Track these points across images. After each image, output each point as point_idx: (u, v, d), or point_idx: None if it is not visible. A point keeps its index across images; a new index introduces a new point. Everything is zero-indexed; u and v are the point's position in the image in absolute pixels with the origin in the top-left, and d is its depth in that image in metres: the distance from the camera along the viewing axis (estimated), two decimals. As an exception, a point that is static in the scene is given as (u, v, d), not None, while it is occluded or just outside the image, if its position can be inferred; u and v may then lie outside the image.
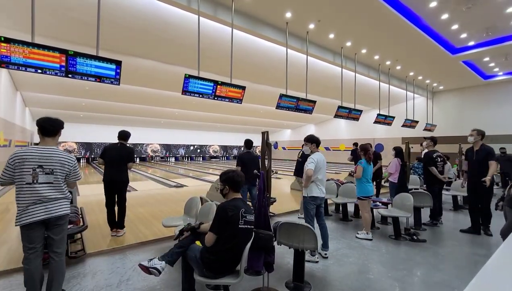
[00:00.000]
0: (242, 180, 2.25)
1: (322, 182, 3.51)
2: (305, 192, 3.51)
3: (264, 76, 10.31)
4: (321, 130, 23.57)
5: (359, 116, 9.59)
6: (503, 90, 13.04)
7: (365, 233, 4.11)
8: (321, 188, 3.47)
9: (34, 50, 3.55)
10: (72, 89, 11.19)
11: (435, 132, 13.85)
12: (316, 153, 3.58)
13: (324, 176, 3.56)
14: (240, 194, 2.29)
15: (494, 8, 6.37)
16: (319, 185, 3.46)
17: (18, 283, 2.62)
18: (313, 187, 3.45)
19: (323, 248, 3.44)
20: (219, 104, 13.11)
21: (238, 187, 2.24)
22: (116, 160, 3.97)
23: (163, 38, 6.90)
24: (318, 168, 3.44)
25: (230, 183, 2.21)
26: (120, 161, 3.99)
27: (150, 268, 2.09)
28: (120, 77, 4.28)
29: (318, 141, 3.66)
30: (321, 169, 3.48)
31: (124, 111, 16.44)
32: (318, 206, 3.52)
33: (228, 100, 5.84)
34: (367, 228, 4.11)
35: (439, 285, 2.74)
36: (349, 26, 7.12)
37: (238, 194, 2.25)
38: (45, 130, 2.24)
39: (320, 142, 3.70)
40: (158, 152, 23.71)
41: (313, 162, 3.41)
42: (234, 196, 2.23)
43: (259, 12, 6.32)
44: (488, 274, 1.02)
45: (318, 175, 3.44)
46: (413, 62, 10.06)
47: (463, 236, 4.30)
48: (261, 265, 2.29)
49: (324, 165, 3.55)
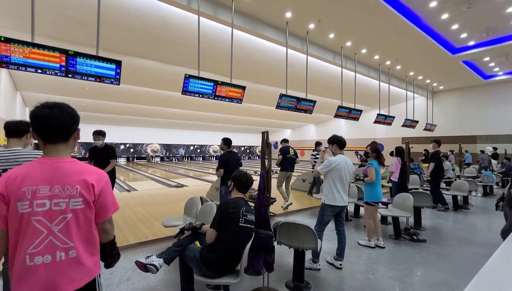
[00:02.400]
0: (250, 184, 2.35)
1: (343, 188, 3.15)
2: (323, 197, 3.20)
3: (264, 76, 10.31)
4: (321, 130, 23.57)
5: (359, 116, 9.59)
6: (503, 90, 13.03)
7: (367, 240, 3.82)
8: (341, 195, 3.12)
9: (34, 50, 3.55)
10: (72, 89, 11.19)
11: (435, 132, 13.86)
12: (338, 155, 3.22)
13: (346, 181, 3.18)
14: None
15: (494, 8, 6.36)
16: (339, 191, 3.11)
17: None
18: (333, 193, 3.12)
19: (338, 257, 3.16)
20: (219, 104, 13.09)
21: (244, 189, 2.31)
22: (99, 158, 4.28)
23: (163, 38, 6.90)
24: (336, 171, 3.12)
25: (238, 182, 2.29)
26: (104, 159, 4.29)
27: (147, 265, 2.09)
28: (120, 77, 4.28)
29: (341, 141, 3.25)
30: (341, 173, 3.13)
31: (124, 111, 16.45)
32: (338, 213, 3.22)
33: (228, 100, 5.84)
34: (369, 235, 3.82)
35: (439, 285, 2.74)
36: (349, 26, 7.12)
37: (242, 195, 2.31)
38: (8, 131, 2.02)
39: (345, 143, 3.28)
40: (158, 152, 23.72)
41: (326, 166, 3.13)
42: (238, 195, 2.29)
43: (259, 12, 6.32)
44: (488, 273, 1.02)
45: (336, 180, 3.13)
46: (413, 62, 10.06)
47: (463, 236, 4.30)
48: (261, 265, 2.29)
49: (348, 169, 3.19)
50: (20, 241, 1.09)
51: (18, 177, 1.10)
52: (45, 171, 1.14)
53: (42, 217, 1.10)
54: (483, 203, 6.97)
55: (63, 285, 1.12)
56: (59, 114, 1.17)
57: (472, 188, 6.76)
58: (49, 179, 1.13)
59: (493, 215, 4.43)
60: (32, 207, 1.09)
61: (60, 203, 1.14)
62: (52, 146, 1.18)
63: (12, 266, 1.10)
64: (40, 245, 1.10)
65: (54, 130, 1.17)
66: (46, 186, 1.12)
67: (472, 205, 6.54)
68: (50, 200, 1.12)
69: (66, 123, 1.19)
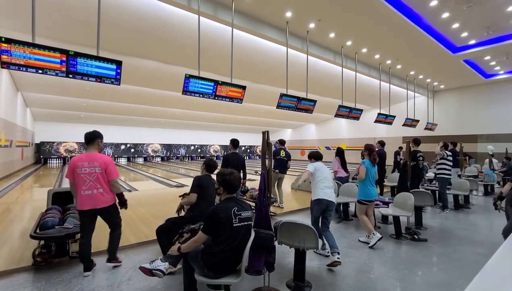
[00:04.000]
0: (238, 183, 2.24)
1: (327, 184, 3.40)
2: (311, 197, 3.51)
3: (264, 75, 10.31)
4: (322, 129, 23.56)
5: (360, 115, 9.58)
6: (504, 89, 13.01)
7: (366, 237, 3.86)
8: (324, 190, 3.34)
9: (34, 51, 3.55)
10: (73, 89, 11.21)
11: (436, 132, 13.84)
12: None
13: (329, 179, 3.47)
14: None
15: (495, 7, 6.35)
16: (323, 188, 3.36)
17: (19, 283, 2.63)
18: (316, 191, 3.39)
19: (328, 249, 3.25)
20: (219, 104, 13.10)
21: (233, 190, 2.22)
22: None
23: (164, 38, 6.90)
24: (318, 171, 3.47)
25: (225, 185, 2.20)
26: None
27: (153, 270, 2.08)
28: (121, 77, 4.28)
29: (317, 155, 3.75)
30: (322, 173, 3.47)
31: (124, 111, 16.47)
32: (326, 210, 3.35)
33: (229, 100, 5.84)
34: (368, 231, 3.84)
35: (440, 285, 2.73)
36: (350, 26, 7.11)
37: (233, 194, 2.24)
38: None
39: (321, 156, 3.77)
40: (159, 152, 23.74)
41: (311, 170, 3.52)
42: (227, 196, 2.22)
43: (259, 11, 6.32)
44: (489, 273, 1.01)
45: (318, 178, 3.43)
46: (414, 61, 10.04)
47: (464, 235, 4.29)
48: (262, 265, 2.29)
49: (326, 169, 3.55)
50: (79, 185, 2.75)
51: (77, 159, 2.79)
52: (86, 156, 2.83)
53: (86, 174, 2.76)
54: (484, 202, 6.95)
55: (97, 203, 2.79)
56: (90, 134, 2.94)
57: (473, 187, 6.73)
58: (87, 159, 2.80)
59: (494, 214, 4.42)
60: (81, 170, 2.75)
61: (92, 168, 2.79)
62: (90, 147, 2.93)
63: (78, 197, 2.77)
64: (87, 185, 2.76)
65: (88, 139, 2.94)
66: (87, 162, 2.79)
67: (473, 204, 6.52)
68: (88, 167, 2.78)
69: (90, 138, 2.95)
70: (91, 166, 2.77)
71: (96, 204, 2.77)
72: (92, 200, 2.75)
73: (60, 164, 18.47)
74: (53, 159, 18.78)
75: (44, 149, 18.39)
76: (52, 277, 2.75)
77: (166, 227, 2.92)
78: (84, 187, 2.73)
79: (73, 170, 2.75)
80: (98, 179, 2.79)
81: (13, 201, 6.36)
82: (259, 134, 4.13)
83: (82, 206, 2.74)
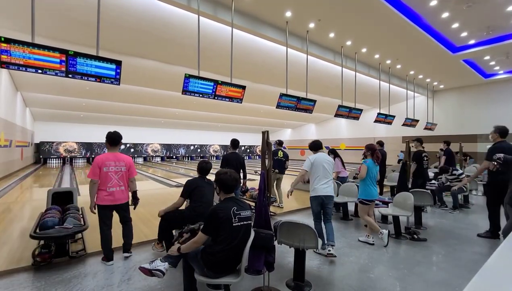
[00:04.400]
0: (234, 183, 2.23)
1: (325, 179, 3.46)
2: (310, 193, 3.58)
3: (264, 75, 10.31)
4: (322, 129, 23.57)
5: (360, 115, 9.58)
6: (504, 89, 13.01)
7: (366, 236, 3.87)
8: (321, 185, 3.42)
9: (34, 51, 3.55)
10: (72, 89, 11.20)
11: (436, 131, 13.85)
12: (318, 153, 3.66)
13: (328, 172, 3.52)
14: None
15: (494, 6, 6.35)
16: (319, 183, 3.45)
17: (19, 283, 2.63)
18: (314, 186, 3.48)
19: (324, 245, 3.31)
20: (219, 104, 13.11)
21: (229, 189, 2.22)
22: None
23: (163, 38, 6.90)
24: (315, 166, 3.52)
25: (220, 184, 2.21)
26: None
27: (153, 270, 2.08)
28: (120, 77, 4.28)
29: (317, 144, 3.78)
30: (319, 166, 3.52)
31: (124, 111, 16.46)
32: (324, 204, 3.44)
33: (229, 100, 5.84)
34: (370, 231, 3.87)
35: (439, 284, 2.74)
36: (350, 25, 7.11)
37: (231, 194, 2.24)
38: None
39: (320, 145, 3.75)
40: (159, 152, 23.73)
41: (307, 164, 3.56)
42: (226, 196, 2.22)
43: (259, 11, 6.32)
44: (488, 273, 1.02)
45: (316, 173, 3.49)
46: (414, 61, 10.05)
47: (464, 235, 4.30)
48: (261, 265, 2.29)
49: (326, 160, 3.56)
50: (104, 182, 3.00)
51: (104, 158, 3.05)
52: (112, 156, 3.10)
53: (112, 173, 3.05)
54: (484, 202, 6.95)
55: (118, 199, 3.10)
56: (117, 136, 3.18)
57: (473, 187, 6.73)
58: (114, 159, 3.08)
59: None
60: (108, 168, 3.02)
61: (118, 167, 3.09)
62: (114, 148, 3.18)
63: (99, 192, 3.02)
64: (112, 183, 3.04)
65: (115, 142, 3.17)
66: (113, 161, 3.07)
67: (472, 204, 6.53)
68: (115, 166, 3.07)
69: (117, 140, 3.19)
70: (117, 165, 3.07)
71: (117, 200, 3.07)
72: (114, 196, 3.05)
73: (60, 164, 18.46)
74: (53, 158, 18.76)
75: (43, 148, 18.38)
76: (51, 277, 2.75)
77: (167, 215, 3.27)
78: (109, 184, 3.01)
79: (100, 168, 2.97)
80: (123, 177, 3.11)
81: (13, 201, 6.36)
82: (259, 134, 4.13)
83: (104, 201, 3.01)
